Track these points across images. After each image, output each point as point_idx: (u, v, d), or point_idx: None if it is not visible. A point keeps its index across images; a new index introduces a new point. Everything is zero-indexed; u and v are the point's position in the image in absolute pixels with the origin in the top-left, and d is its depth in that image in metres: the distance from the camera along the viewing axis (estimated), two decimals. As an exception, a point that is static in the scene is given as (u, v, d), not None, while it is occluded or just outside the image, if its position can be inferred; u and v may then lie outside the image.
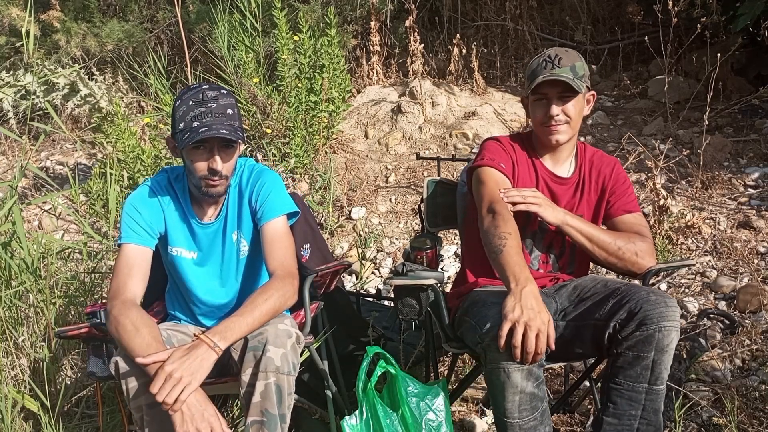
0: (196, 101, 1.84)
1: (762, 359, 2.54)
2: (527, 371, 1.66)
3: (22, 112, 4.85)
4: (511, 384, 1.67)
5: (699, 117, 4.07)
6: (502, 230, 1.82)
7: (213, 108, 1.83)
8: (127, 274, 1.87)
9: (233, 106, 1.88)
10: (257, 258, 2.02)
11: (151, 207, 1.97)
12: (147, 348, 1.67)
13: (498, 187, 1.97)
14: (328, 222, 3.96)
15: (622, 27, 5.38)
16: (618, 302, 1.82)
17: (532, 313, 1.61)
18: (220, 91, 1.88)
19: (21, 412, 2.35)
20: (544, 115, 2.00)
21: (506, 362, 1.65)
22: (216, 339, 1.65)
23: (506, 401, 1.69)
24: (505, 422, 1.72)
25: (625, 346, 1.76)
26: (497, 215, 1.87)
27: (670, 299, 1.77)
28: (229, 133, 1.81)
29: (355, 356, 2.51)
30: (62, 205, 4.31)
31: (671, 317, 1.73)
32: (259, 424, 1.69)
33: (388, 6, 5.07)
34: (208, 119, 1.81)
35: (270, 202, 1.95)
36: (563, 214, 1.98)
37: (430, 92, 4.73)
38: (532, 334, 1.60)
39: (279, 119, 4.19)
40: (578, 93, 1.96)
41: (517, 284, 1.67)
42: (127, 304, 1.79)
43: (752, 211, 3.51)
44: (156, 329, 1.74)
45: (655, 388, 1.77)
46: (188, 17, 5.24)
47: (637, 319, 1.74)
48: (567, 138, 2.03)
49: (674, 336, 1.73)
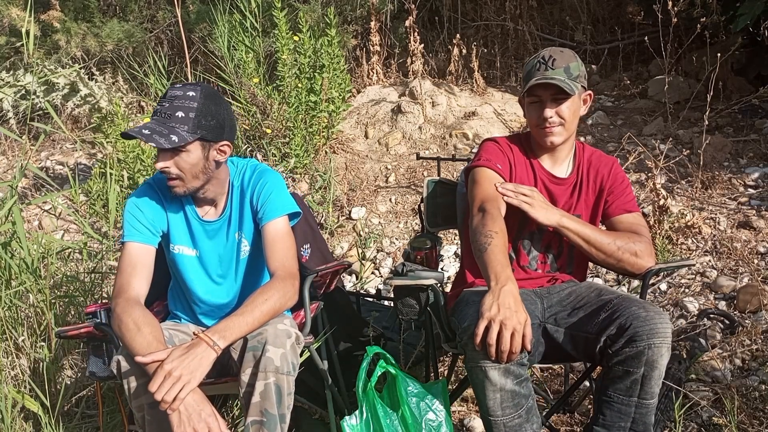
0: (161, 98, 1.86)
1: (762, 359, 2.54)
2: (504, 369, 1.66)
3: (22, 112, 4.86)
4: (490, 382, 1.67)
5: (699, 117, 4.07)
6: (489, 228, 1.82)
7: (165, 108, 1.83)
8: (131, 272, 1.87)
9: (189, 110, 1.83)
10: (258, 258, 2.01)
11: (152, 205, 1.98)
12: (147, 347, 1.67)
13: (492, 187, 1.98)
14: (328, 222, 3.96)
15: (622, 27, 5.38)
16: (609, 317, 1.80)
17: (509, 312, 1.60)
18: (186, 92, 1.84)
19: (21, 412, 2.35)
20: (539, 117, 2.00)
21: (483, 361, 1.65)
22: (215, 338, 1.65)
23: (487, 399, 1.70)
24: (490, 420, 1.73)
25: (615, 360, 1.76)
26: (486, 214, 1.87)
27: (660, 315, 1.75)
28: (149, 134, 1.79)
29: (355, 356, 2.51)
30: (62, 205, 4.31)
31: (662, 334, 1.71)
32: (259, 424, 1.69)
33: (388, 6, 5.07)
34: (155, 118, 1.83)
35: (271, 203, 1.95)
36: (559, 215, 1.97)
37: (430, 92, 4.73)
38: (507, 333, 1.59)
39: (279, 119, 4.19)
40: (571, 95, 1.96)
41: (497, 283, 1.67)
42: (131, 302, 1.79)
43: (752, 211, 3.51)
44: (158, 328, 1.74)
45: (645, 402, 1.77)
46: (188, 17, 5.24)
47: (626, 335, 1.73)
48: (562, 139, 2.03)
49: (664, 352, 1.72)
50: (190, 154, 1.86)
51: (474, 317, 1.67)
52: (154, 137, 1.79)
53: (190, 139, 1.82)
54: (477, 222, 1.87)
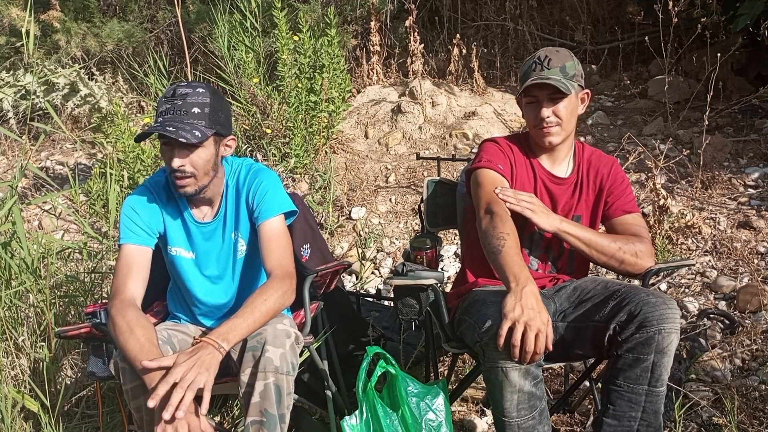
0: (167, 98, 1.86)
1: (762, 359, 2.54)
2: (525, 370, 1.67)
3: (22, 112, 4.86)
4: (509, 383, 1.67)
5: (699, 117, 4.07)
6: (500, 231, 1.82)
7: (178, 105, 1.83)
8: (126, 274, 1.87)
9: (204, 105, 1.85)
10: (255, 258, 2.01)
11: (148, 207, 1.98)
12: (140, 349, 1.66)
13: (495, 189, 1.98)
14: (328, 222, 3.96)
15: (622, 27, 5.38)
16: (618, 304, 1.81)
17: (533, 313, 1.61)
18: (195, 89, 1.86)
19: (21, 412, 2.35)
20: (536, 118, 2.01)
21: (504, 361, 1.65)
22: (219, 340, 1.65)
23: (504, 400, 1.70)
24: (504, 421, 1.73)
25: (625, 348, 1.76)
26: (495, 216, 1.87)
27: (670, 301, 1.77)
28: (175, 131, 1.79)
29: (355, 356, 2.51)
30: (62, 205, 4.31)
31: (671, 319, 1.72)
32: (259, 424, 1.69)
33: (388, 6, 5.07)
34: (168, 116, 1.83)
35: (267, 202, 1.95)
36: (559, 221, 1.98)
37: (430, 92, 4.73)
38: (532, 334, 1.60)
39: (279, 119, 4.19)
40: (567, 94, 1.96)
41: (517, 284, 1.67)
42: (125, 303, 1.79)
43: (752, 211, 3.51)
44: (151, 331, 1.73)
45: (655, 389, 1.77)
46: (188, 17, 5.24)
47: (636, 322, 1.74)
48: (560, 139, 2.03)
49: (674, 338, 1.73)
50: (206, 150, 1.87)
51: (495, 318, 1.66)
52: (180, 133, 1.79)
53: (208, 134, 1.85)
54: (486, 224, 1.87)
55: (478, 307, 1.83)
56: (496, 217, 1.87)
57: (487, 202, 1.93)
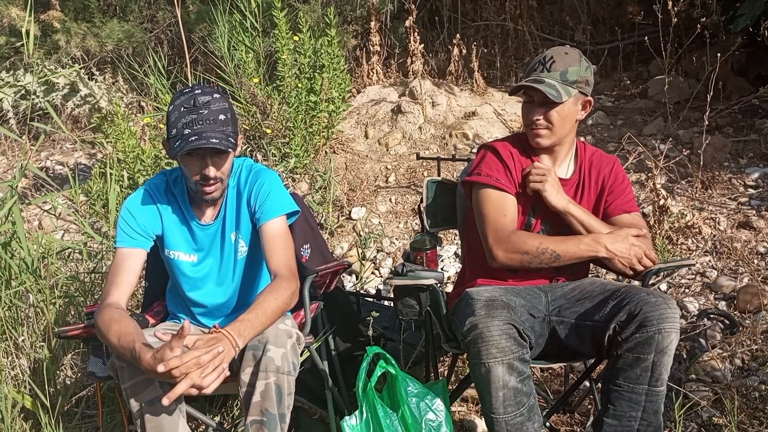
0: (188, 107, 1.82)
1: (762, 359, 2.54)
2: (508, 365, 1.68)
3: (22, 112, 4.85)
4: (493, 379, 1.68)
5: (699, 117, 4.07)
6: (531, 243, 1.92)
7: (204, 115, 1.81)
8: (112, 279, 1.88)
9: (226, 111, 1.86)
10: (255, 258, 2.01)
11: (146, 211, 1.97)
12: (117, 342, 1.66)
13: (501, 214, 1.99)
14: (328, 222, 3.96)
15: (622, 27, 5.37)
16: (618, 304, 1.82)
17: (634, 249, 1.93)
18: (212, 95, 1.85)
19: (21, 412, 2.35)
20: (527, 118, 2.02)
21: (486, 357, 1.67)
22: (236, 336, 1.63)
23: (491, 397, 1.71)
24: (492, 418, 1.74)
25: (625, 348, 1.76)
26: (513, 237, 1.94)
27: (670, 300, 1.77)
28: (219, 141, 1.80)
29: (355, 356, 2.50)
30: (62, 205, 4.31)
31: (671, 319, 1.73)
32: (259, 423, 1.69)
33: (388, 6, 5.07)
34: (199, 127, 1.80)
35: (269, 203, 1.95)
36: (567, 201, 1.99)
37: (430, 92, 4.73)
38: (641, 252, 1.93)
39: (279, 119, 4.19)
40: (558, 103, 1.95)
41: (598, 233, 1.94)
42: (106, 307, 1.79)
43: (752, 211, 3.51)
44: (125, 323, 1.71)
45: (655, 389, 1.77)
46: (188, 17, 5.24)
47: (636, 321, 1.74)
48: (549, 142, 2.02)
49: (674, 337, 1.73)
50: (231, 155, 1.88)
51: (479, 315, 1.71)
52: (223, 143, 1.80)
53: (237, 139, 1.88)
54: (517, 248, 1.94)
55: (463, 307, 1.84)
56: (516, 238, 1.94)
57: (494, 229, 1.97)
